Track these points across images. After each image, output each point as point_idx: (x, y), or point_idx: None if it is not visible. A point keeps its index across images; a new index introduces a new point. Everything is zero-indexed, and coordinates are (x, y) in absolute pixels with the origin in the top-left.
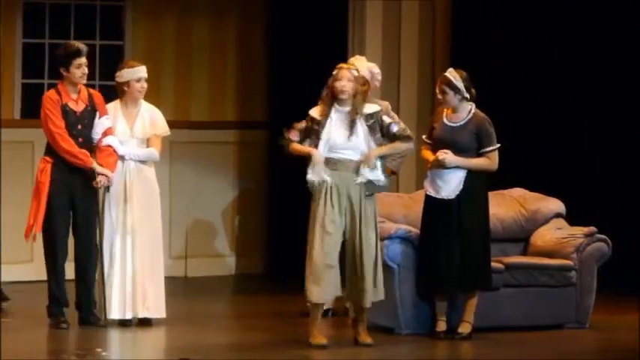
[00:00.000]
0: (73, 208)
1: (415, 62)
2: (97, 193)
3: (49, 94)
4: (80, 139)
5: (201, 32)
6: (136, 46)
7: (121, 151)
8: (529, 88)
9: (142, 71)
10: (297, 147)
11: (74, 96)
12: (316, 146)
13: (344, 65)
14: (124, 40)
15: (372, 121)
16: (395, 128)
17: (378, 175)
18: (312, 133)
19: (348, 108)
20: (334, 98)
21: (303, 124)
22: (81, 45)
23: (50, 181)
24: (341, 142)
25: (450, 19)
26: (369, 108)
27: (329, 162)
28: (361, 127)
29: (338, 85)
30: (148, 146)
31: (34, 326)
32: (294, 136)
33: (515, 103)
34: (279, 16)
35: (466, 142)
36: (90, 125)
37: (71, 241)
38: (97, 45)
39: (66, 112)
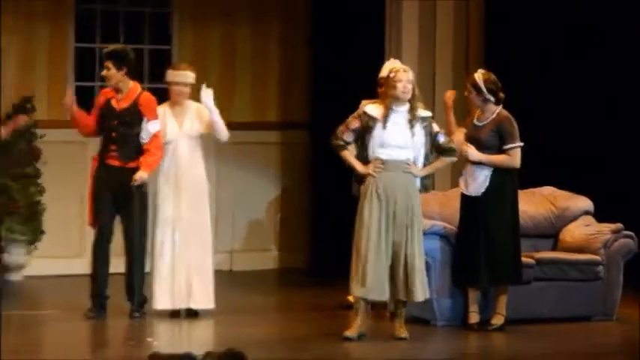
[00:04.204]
0: (117, 205)
1: (450, 62)
2: (141, 190)
3: (102, 90)
4: (113, 134)
5: (244, 37)
6: (183, 51)
7: (215, 115)
8: (560, 87)
9: (178, 76)
10: (347, 157)
11: (119, 95)
12: (367, 144)
13: (399, 68)
14: (171, 45)
15: (424, 124)
16: (442, 139)
17: (421, 183)
18: (367, 131)
19: (405, 109)
20: (393, 98)
21: (356, 124)
22: (105, 49)
23: (93, 179)
24: (398, 142)
25: (483, 19)
26: (423, 112)
27: (381, 161)
28: (420, 128)
29: (400, 85)
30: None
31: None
32: (347, 137)
33: (547, 102)
34: (319, 20)
35: (488, 140)
36: (130, 124)
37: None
38: (146, 49)
39: (105, 109)
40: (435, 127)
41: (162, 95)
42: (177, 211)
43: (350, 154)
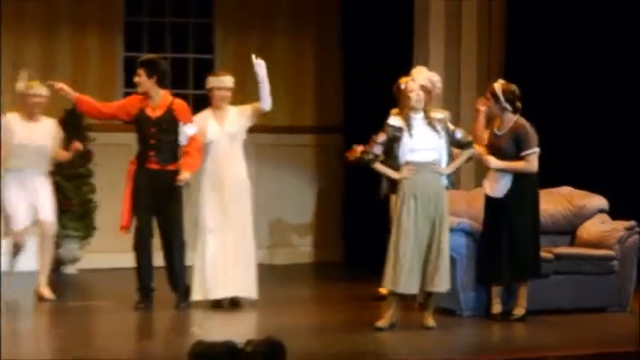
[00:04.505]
0: (155, 205)
1: (474, 67)
2: (179, 190)
3: (132, 96)
4: (151, 141)
5: (281, 45)
6: (224, 59)
7: (264, 86)
8: (578, 90)
9: (219, 81)
10: (380, 168)
11: (153, 104)
12: (396, 153)
13: (406, 78)
14: (214, 54)
15: (441, 125)
16: (459, 135)
17: (448, 180)
18: (395, 141)
19: (420, 115)
20: (409, 108)
21: (383, 137)
22: (139, 58)
23: (133, 183)
24: (426, 145)
25: (505, 22)
26: (437, 114)
27: (411, 164)
28: (441, 128)
29: (413, 95)
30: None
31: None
32: (377, 149)
33: (564, 105)
34: (352, 29)
35: (506, 148)
36: (166, 130)
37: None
38: (190, 58)
39: (141, 117)
40: (451, 126)
41: (206, 102)
42: (219, 207)
43: (381, 165)
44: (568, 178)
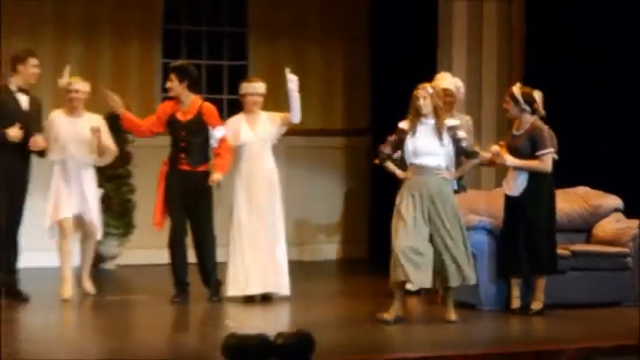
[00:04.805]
0: (187, 204)
1: (495, 73)
2: (209, 190)
3: (164, 103)
4: (182, 144)
5: (312, 53)
6: (258, 66)
7: (295, 99)
8: (595, 93)
9: (252, 87)
10: (388, 166)
11: (183, 109)
12: (403, 154)
13: (419, 86)
14: (248, 61)
15: (451, 133)
16: (464, 144)
17: (456, 184)
18: (402, 142)
19: (432, 121)
20: (419, 114)
21: (394, 137)
22: (171, 64)
23: (166, 183)
24: (429, 150)
25: (525, 29)
26: (450, 121)
27: (414, 167)
28: (448, 137)
29: (419, 103)
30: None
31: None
32: (387, 149)
33: (582, 108)
34: (380, 37)
35: (523, 148)
36: (196, 133)
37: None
38: (225, 65)
39: (172, 121)
40: (459, 134)
41: (240, 106)
42: (252, 206)
43: (391, 164)
44: (584, 178)
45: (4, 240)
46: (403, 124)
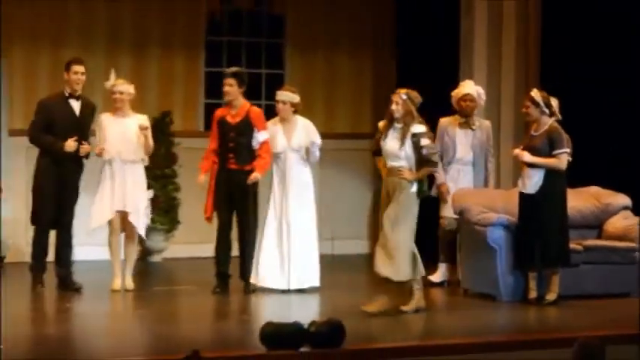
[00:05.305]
0: (233, 201)
1: (512, 82)
2: (254, 188)
3: (216, 112)
4: (231, 144)
5: (343, 62)
6: (293, 74)
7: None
8: (607, 94)
9: (285, 95)
10: (377, 161)
11: (233, 112)
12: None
13: (396, 91)
14: (284, 70)
15: (414, 139)
16: (424, 152)
17: (416, 187)
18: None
19: (400, 125)
20: (392, 118)
21: (377, 136)
22: (230, 69)
23: (215, 181)
24: (393, 152)
25: (540, 39)
26: (416, 128)
27: (389, 167)
28: (410, 142)
29: (392, 107)
30: (306, 155)
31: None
32: (375, 146)
33: (594, 110)
34: (405, 46)
35: (540, 147)
36: (244, 134)
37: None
38: (263, 73)
39: (222, 123)
40: (423, 142)
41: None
42: (286, 206)
43: (379, 160)
44: (596, 177)
45: (60, 236)
46: (380, 126)
